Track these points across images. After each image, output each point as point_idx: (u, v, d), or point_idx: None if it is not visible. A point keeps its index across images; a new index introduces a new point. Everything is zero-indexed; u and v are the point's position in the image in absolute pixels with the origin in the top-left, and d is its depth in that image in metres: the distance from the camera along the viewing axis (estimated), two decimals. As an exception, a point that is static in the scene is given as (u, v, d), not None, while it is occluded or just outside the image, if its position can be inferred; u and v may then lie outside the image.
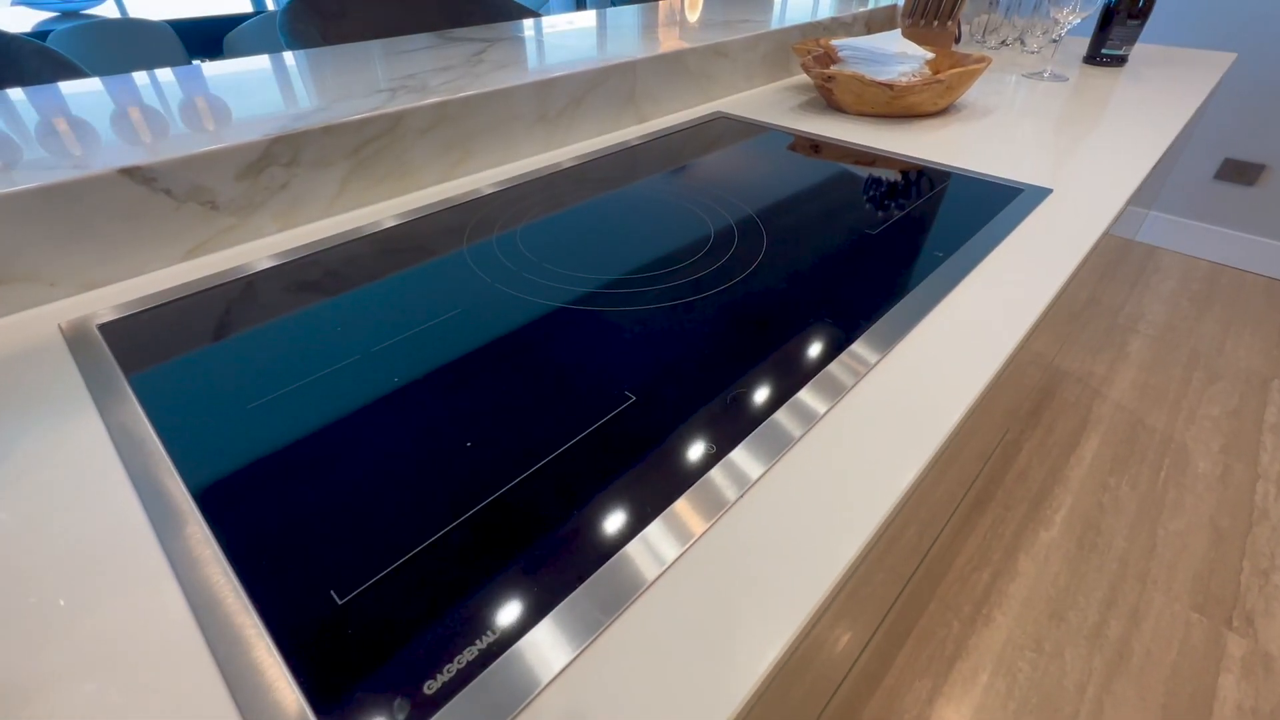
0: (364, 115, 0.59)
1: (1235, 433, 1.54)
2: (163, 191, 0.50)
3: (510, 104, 0.71)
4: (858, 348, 0.43)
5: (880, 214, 0.61)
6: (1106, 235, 0.62)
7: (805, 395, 0.39)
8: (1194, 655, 1.09)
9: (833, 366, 0.42)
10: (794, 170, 0.72)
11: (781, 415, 0.38)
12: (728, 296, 0.48)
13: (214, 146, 0.51)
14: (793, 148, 0.80)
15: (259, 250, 0.55)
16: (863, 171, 0.72)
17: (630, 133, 0.85)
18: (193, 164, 0.51)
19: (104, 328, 0.45)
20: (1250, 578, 1.22)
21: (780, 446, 0.36)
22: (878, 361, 0.42)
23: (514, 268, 0.52)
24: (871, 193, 0.66)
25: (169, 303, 0.48)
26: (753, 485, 0.34)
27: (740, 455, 0.35)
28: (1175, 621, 1.14)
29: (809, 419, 0.37)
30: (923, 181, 0.69)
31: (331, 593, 0.27)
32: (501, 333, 0.44)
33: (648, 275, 0.51)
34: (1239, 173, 2.06)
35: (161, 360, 0.42)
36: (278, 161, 0.55)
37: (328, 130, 0.57)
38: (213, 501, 0.32)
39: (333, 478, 0.33)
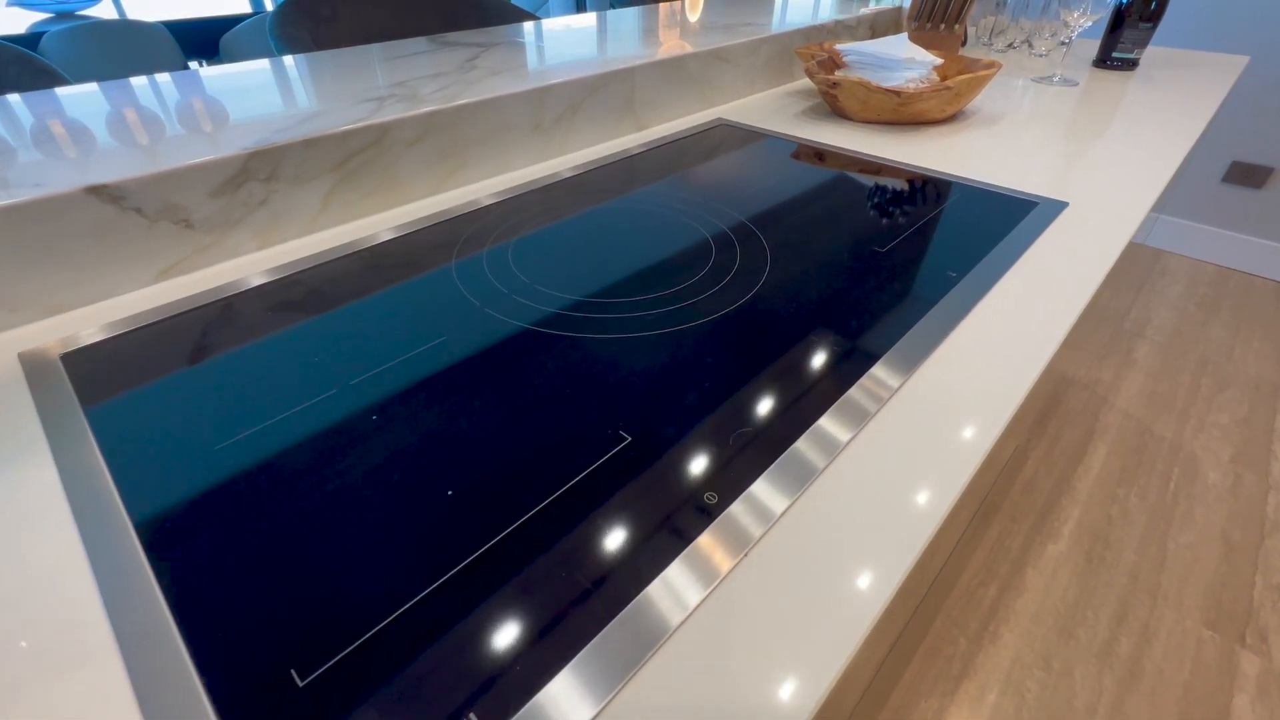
0: (348, 127, 0.56)
1: (1246, 442, 1.51)
2: (133, 210, 0.47)
3: (504, 113, 0.69)
4: (879, 371, 0.41)
5: (890, 230, 0.58)
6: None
7: (826, 423, 0.37)
8: (1207, 674, 1.06)
9: (853, 392, 0.39)
10: (798, 182, 0.69)
11: (803, 444, 0.35)
12: (732, 320, 0.46)
13: (187, 163, 0.49)
14: (796, 156, 0.77)
15: (237, 270, 0.53)
16: (870, 183, 0.69)
17: (629, 141, 0.82)
18: (164, 181, 0.48)
19: (67, 358, 0.42)
20: (1263, 593, 1.19)
21: (804, 478, 0.33)
22: (900, 386, 0.40)
23: (504, 289, 0.50)
24: (880, 207, 0.64)
25: (138, 329, 0.45)
26: (777, 520, 0.31)
27: (762, 488, 0.33)
28: (1187, 639, 1.12)
29: (832, 448, 0.35)
30: (933, 194, 0.66)
31: (291, 672, 0.25)
32: (488, 365, 0.41)
33: (645, 298, 0.48)
34: (1247, 175, 2.03)
35: (125, 394, 0.39)
36: (256, 177, 0.52)
37: (309, 144, 0.54)
38: (168, 561, 0.29)
39: (301, 532, 0.30)
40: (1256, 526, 1.31)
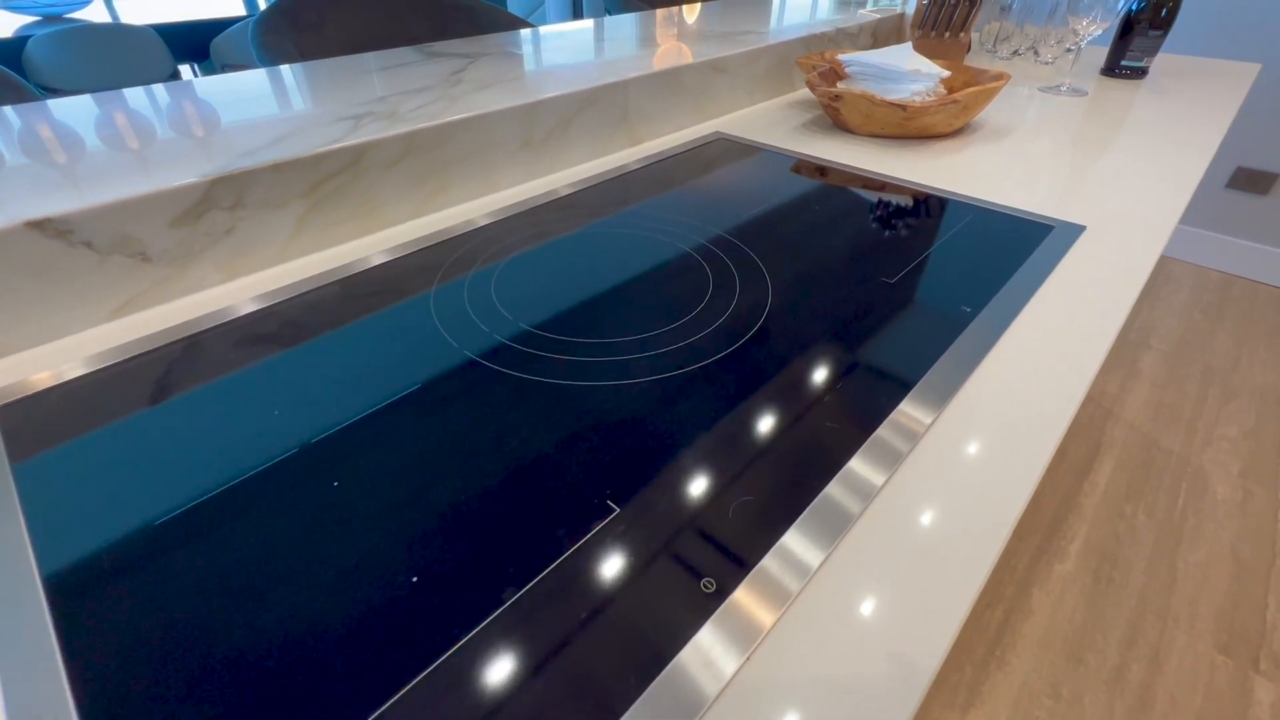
0: (320, 150, 0.53)
1: (1254, 455, 1.48)
2: (82, 244, 0.44)
3: (490, 130, 0.65)
4: (907, 408, 0.38)
5: (900, 257, 0.55)
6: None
7: (857, 464, 0.34)
8: (1220, 701, 1.03)
9: (882, 431, 0.37)
10: (800, 202, 0.66)
11: (835, 489, 0.33)
12: (736, 360, 0.42)
13: (141, 192, 0.45)
14: (797, 171, 0.73)
15: (199, 305, 0.49)
16: (876, 205, 0.66)
17: (622, 156, 0.79)
18: (117, 212, 0.44)
19: (4, 409, 0.39)
20: (1276, 614, 1.16)
21: (840, 526, 0.31)
22: (930, 425, 0.38)
23: (485, 328, 0.46)
24: (887, 232, 0.60)
25: (85, 375, 0.42)
26: (815, 573, 0.29)
27: (795, 539, 0.30)
28: (1199, 663, 1.09)
29: (867, 493, 0.33)
30: (944, 217, 0.63)
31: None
32: (464, 418, 0.38)
33: (637, 339, 0.45)
34: (1251, 182, 2.00)
35: (61, 452, 0.36)
36: (219, 205, 0.49)
37: (277, 168, 0.51)
38: (93, 681, 0.26)
39: (251, 628, 0.27)
40: (1268, 544, 1.28)
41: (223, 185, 0.48)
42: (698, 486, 0.33)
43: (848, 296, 0.49)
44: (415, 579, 0.29)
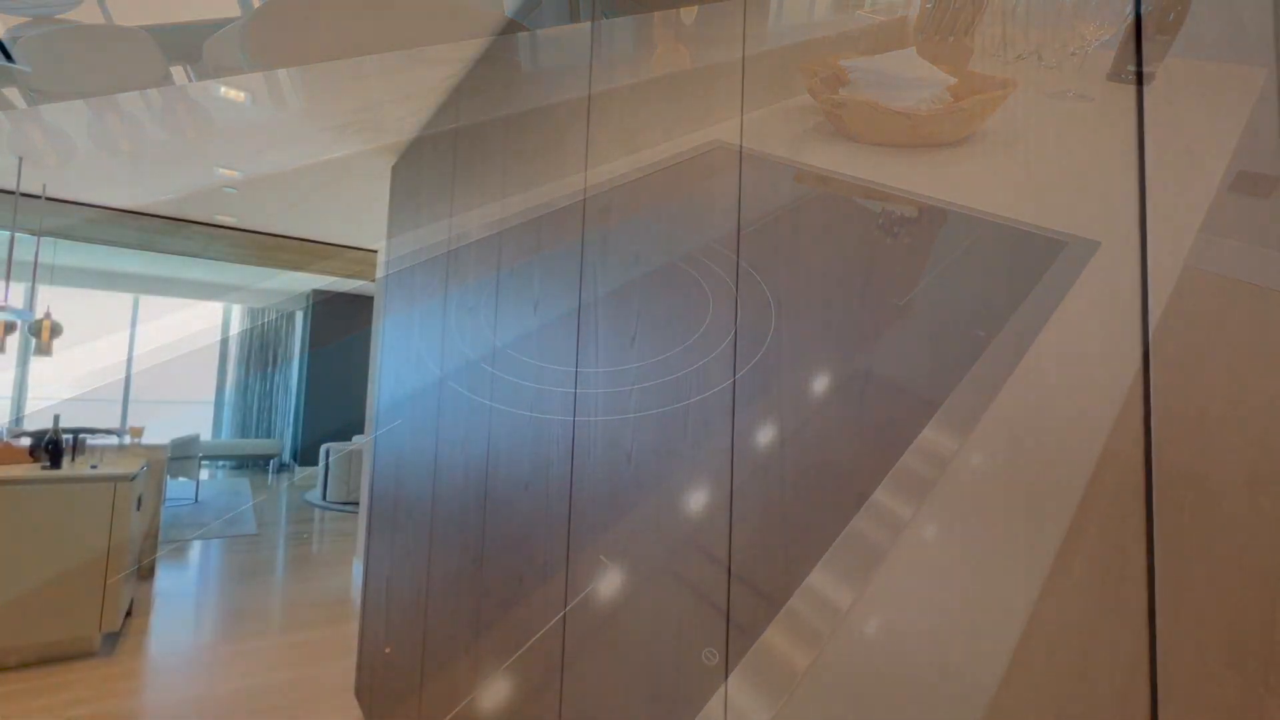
0: (301, 164, 0.50)
1: (1259, 463, 1.46)
2: (45, 264, 0.41)
3: (480, 140, 0.63)
4: (930, 434, 0.36)
5: (907, 276, 0.53)
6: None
7: (882, 496, 0.32)
8: (1230, 720, 1.01)
9: (907, 459, 0.34)
10: (803, 215, 0.64)
11: (860, 522, 0.31)
12: (738, 390, 0.40)
13: (118, 206, 0.43)
14: (799, 180, 0.71)
15: (182, 323, 0.47)
16: (883, 219, 0.64)
17: (620, 166, 0.77)
18: (88, 228, 0.42)
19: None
20: (1286, 629, 1.14)
21: (872, 561, 0.29)
22: (952, 457, 0.35)
23: (473, 355, 0.44)
24: (894, 244, 0.58)
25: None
26: (847, 612, 0.27)
27: (820, 578, 0.28)
28: (1210, 682, 1.06)
29: (896, 525, 0.31)
30: (952, 232, 0.61)
31: None
32: (449, 450, 0.36)
33: (633, 367, 0.42)
34: (1254, 185, 1.99)
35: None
36: (192, 220, 0.46)
37: (255, 181, 0.48)
38: None
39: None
40: (1276, 556, 1.26)
41: (196, 199, 0.46)
42: (705, 525, 0.31)
43: (856, 320, 0.47)
44: (388, 649, 0.26)
